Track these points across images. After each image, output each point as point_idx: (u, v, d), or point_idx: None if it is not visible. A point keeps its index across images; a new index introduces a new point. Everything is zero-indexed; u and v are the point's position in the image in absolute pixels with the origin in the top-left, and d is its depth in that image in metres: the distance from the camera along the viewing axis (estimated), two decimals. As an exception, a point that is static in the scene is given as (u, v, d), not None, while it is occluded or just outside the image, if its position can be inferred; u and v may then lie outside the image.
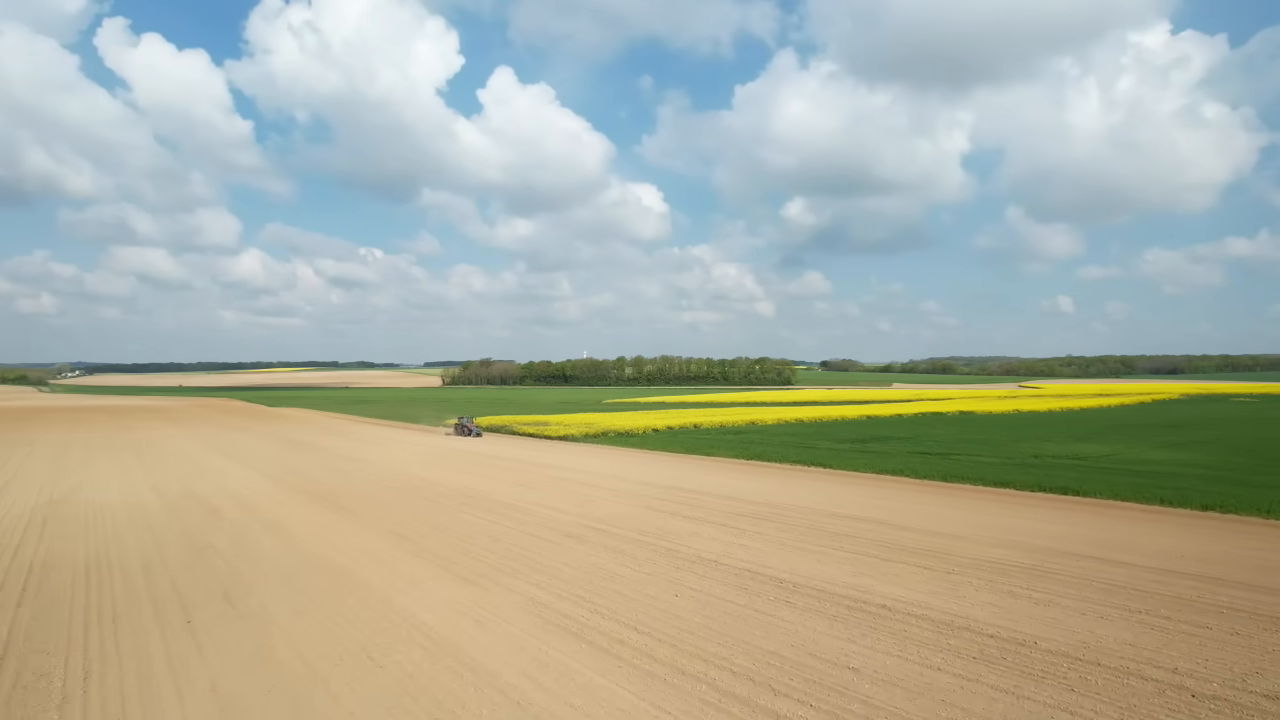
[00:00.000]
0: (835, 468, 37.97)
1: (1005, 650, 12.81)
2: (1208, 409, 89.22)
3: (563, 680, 11.72)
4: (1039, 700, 10.81)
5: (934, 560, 19.13)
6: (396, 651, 13.00)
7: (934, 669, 12.04)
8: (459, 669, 12.20)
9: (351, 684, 11.61)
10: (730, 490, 31.09)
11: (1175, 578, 17.14)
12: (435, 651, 13.02)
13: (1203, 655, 12.46)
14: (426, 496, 30.21)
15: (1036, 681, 11.46)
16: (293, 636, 13.76)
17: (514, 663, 12.50)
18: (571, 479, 35.01)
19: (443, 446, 53.00)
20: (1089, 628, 13.82)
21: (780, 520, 24.64)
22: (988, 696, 10.97)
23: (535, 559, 19.70)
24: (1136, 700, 10.78)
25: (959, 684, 11.40)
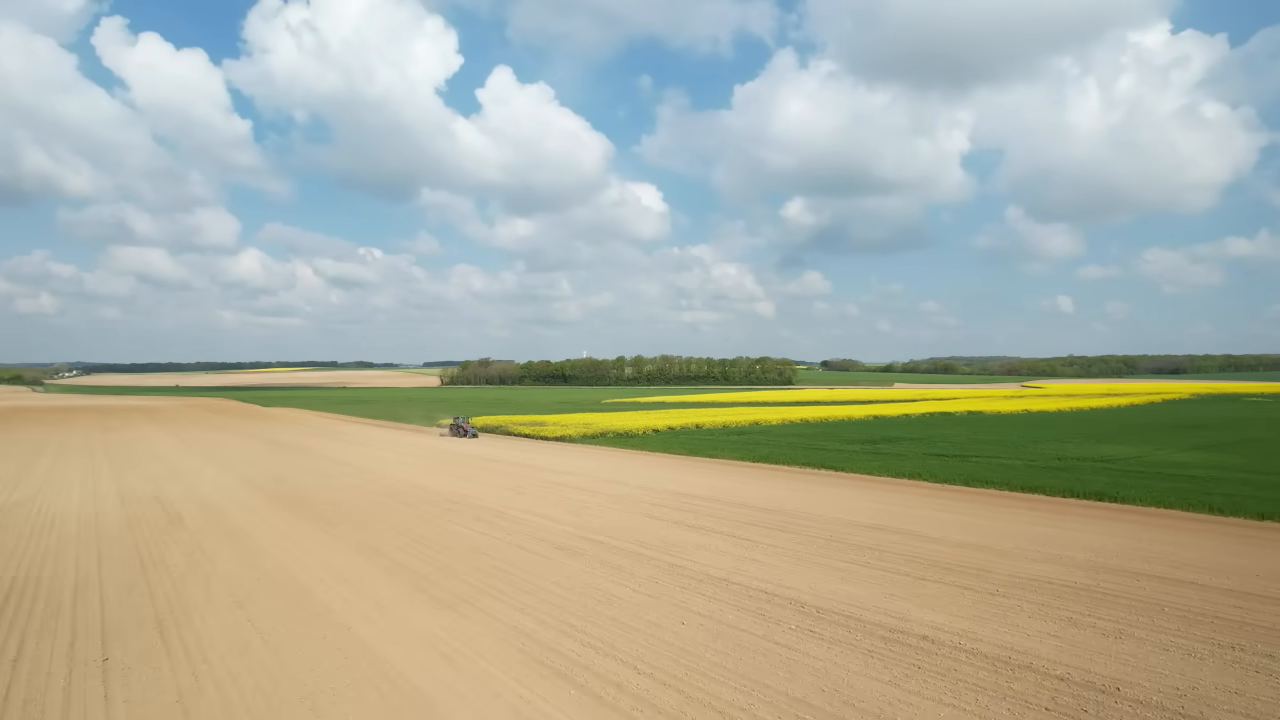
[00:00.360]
0: (847, 470, 35.71)
1: (1083, 700, 10.56)
2: (1223, 409, 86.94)
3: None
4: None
5: (973, 578, 16.88)
6: (346, 699, 10.75)
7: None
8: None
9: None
10: (738, 496, 28.84)
11: (1259, 603, 14.88)
12: (393, 698, 10.78)
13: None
14: (409, 503, 27.95)
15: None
16: (225, 679, 11.51)
17: (487, 716, 10.25)
18: (567, 483, 32.75)
19: (434, 448, 50.74)
20: (1179, 669, 11.56)
21: (795, 530, 22.38)
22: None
23: (522, 577, 17.44)
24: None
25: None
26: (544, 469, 38.03)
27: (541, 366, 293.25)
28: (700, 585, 16.61)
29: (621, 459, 43.04)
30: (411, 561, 18.98)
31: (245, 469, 38.53)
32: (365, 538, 21.82)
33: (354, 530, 22.92)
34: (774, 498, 28.33)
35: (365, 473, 36.80)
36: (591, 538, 21.63)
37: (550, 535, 22.01)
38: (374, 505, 27.49)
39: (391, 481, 33.64)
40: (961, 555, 19.10)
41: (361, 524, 23.92)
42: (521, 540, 21.41)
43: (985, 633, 13.33)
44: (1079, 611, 14.38)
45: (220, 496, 29.47)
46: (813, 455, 41.11)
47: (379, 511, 26.13)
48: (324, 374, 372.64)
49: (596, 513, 25.55)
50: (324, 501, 28.29)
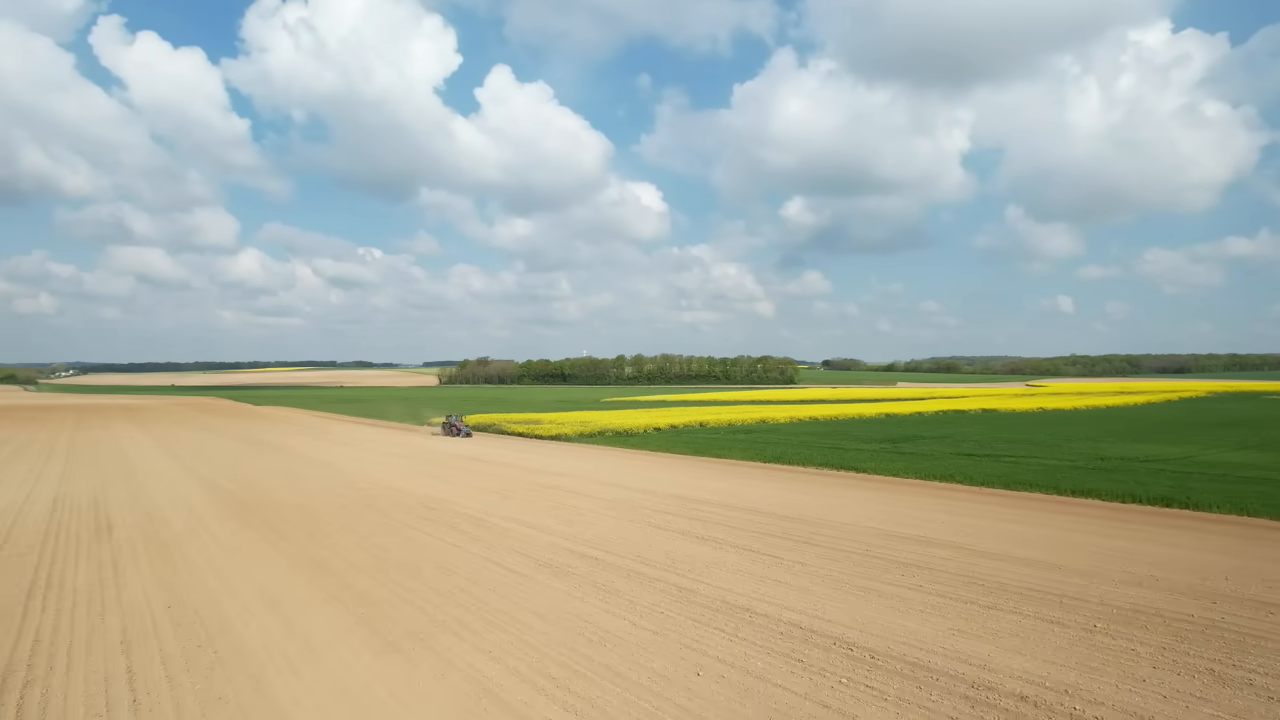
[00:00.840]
0: (871, 472, 32.33)
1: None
2: (1245, 407, 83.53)
3: None
4: None
5: (1056, 608, 13.52)
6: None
7: None
8: None
9: None
10: (753, 500, 25.47)
11: None
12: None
13: None
14: (380, 509, 24.60)
15: None
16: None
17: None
18: (559, 486, 29.40)
19: (422, 447, 47.39)
20: None
21: (823, 543, 19.02)
22: None
23: (496, 605, 14.08)
24: None
25: None
26: (535, 470, 34.68)
27: (541, 366, 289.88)
28: (717, 617, 13.25)
29: (620, 459, 39.69)
30: (364, 583, 15.62)
31: (211, 470, 35.19)
32: (317, 552, 18.47)
33: (307, 542, 19.56)
34: (793, 503, 24.95)
35: (341, 474, 33.47)
36: (584, 552, 18.27)
37: (535, 549, 18.65)
38: (340, 511, 24.15)
39: (367, 484, 30.30)
40: (1031, 576, 15.72)
41: (318, 534, 20.57)
42: (500, 555, 18.05)
43: (1103, 691, 9.96)
44: (1220, 661, 11.01)
45: (168, 501, 26.12)
46: (830, 455, 37.73)
47: (342, 519, 22.78)
48: (322, 373, 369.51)
49: (591, 521, 22.19)
50: (285, 507, 24.94)
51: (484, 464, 37.48)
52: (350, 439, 54.34)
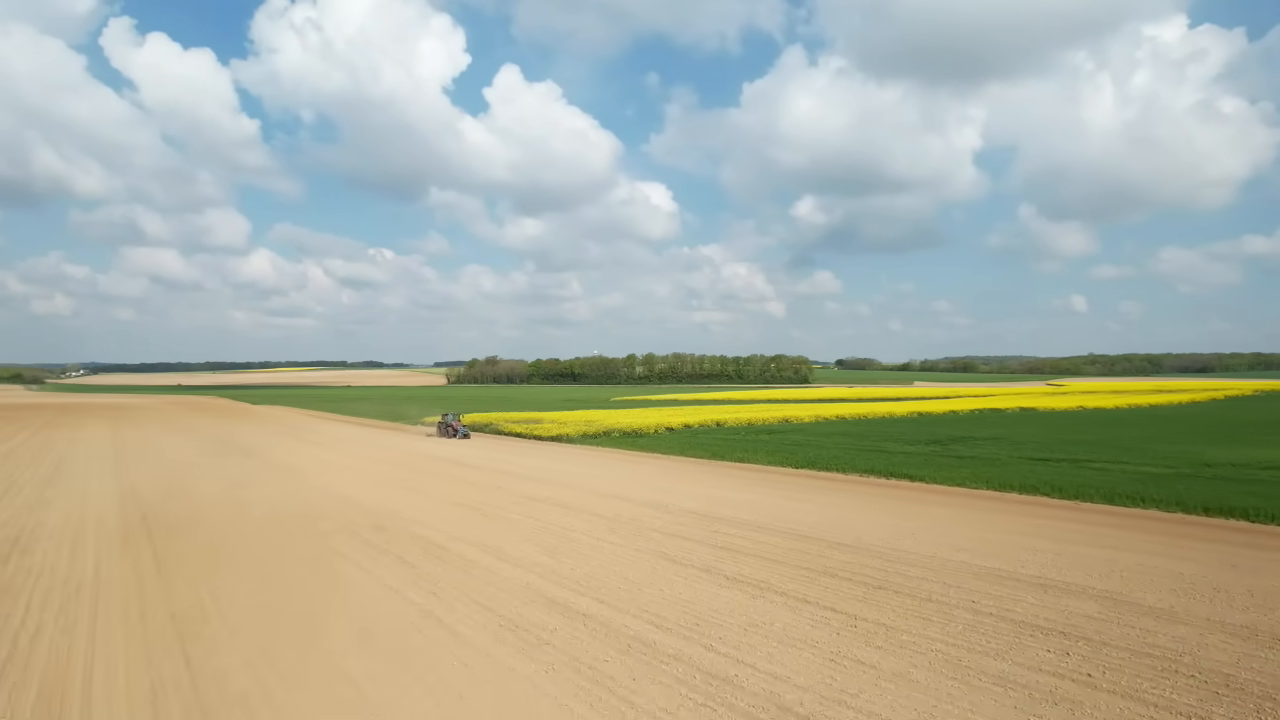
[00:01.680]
0: (930, 481, 26.71)
1: None
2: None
3: None
4: None
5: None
6: None
7: None
8: None
9: None
10: (794, 519, 19.95)
11: None
12: None
13: None
14: (319, 529, 19.28)
15: None
16: None
17: None
18: (551, 498, 24.00)
19: (406, 449, 42.15)
20: None
21: (908, 588, 13.46)
22: None
23: (419, 712, 8.66)
24: None
25: None
26: (526, 477, 29.31)
27: (550, 365, 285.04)
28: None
29: (627, 464, 34.25)
30: (222, 658, 10.24)
31: (146, 476, 30.07)
32: (189, 599, 13.12)
33: (189, 582, 14.23)
34: (847, 524, 19.40)
35: (297, 482, 28.27)
36: (569, 602, 12.82)
37: (502, 596, 13.21)
38: (268, 531, 18.86)
39: (320, 494, 25.04)
40: (1258, 657, 10.11)
41: (213, 568, 15.24)
42: (451, 606, 12.63)
43: None
44: None
45: (51, 515, 20.92)
46: (873, 459, 32.10)
47: (261, 544, 17.46)
48: (331, 373, 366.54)
49: (584, 550, 16.75)
50: (200, 524, 19.68)
51: (467, 469, 32.14)
52: (332, 440, 49.24)
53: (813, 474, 29.78)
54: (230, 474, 30.91)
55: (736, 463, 33.78)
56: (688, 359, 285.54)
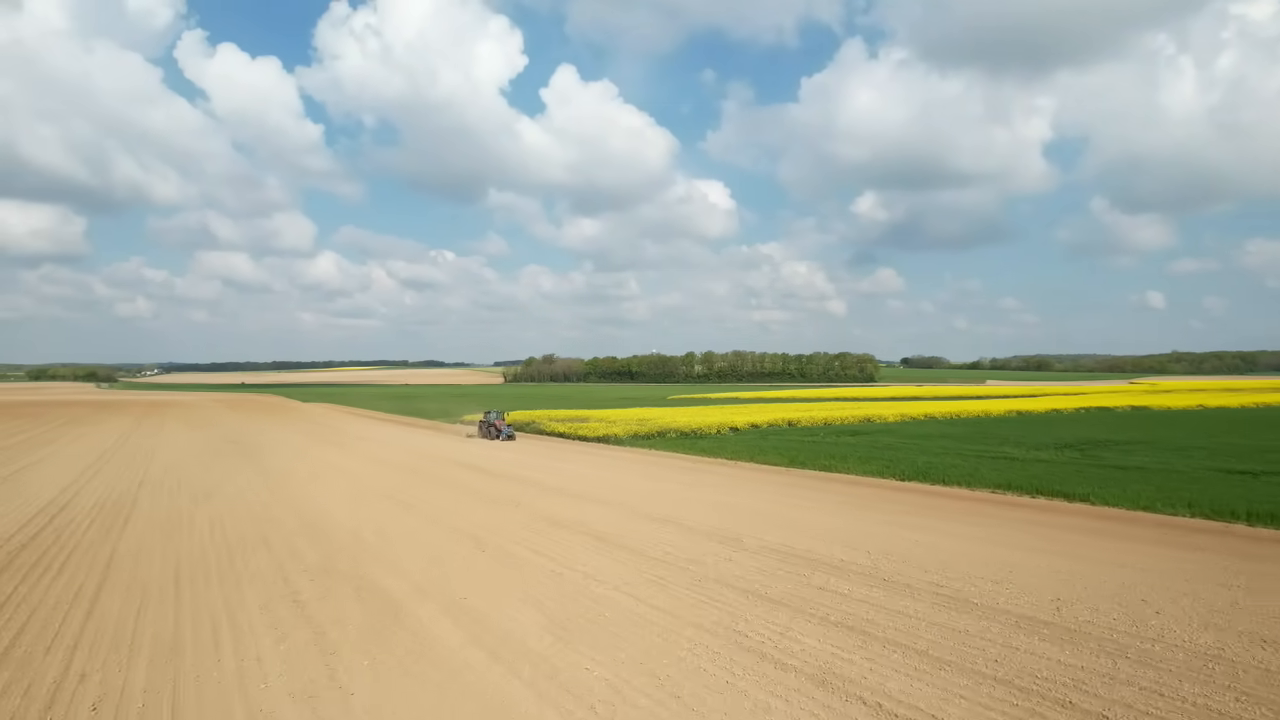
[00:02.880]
0: (1095, 501, 19.25)
1: None
2: None
3: None
4: None
5: None
6: None
7: None
8: None
9: None
10: (932, 564, 13.02)
11: None
12: None
13: None
14: (237, 571, 13.37)
15: None
16: None
17: None
18: (580, 523, 17.69)
19: (430, 453, 36.66)
20: None
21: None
22: None
23: None
24: None
25: None
26: (556, 489, 23.09)
27: (607, 363, 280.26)
28: None
29: (685, 471, 27.69)
30: None
31: (114, 479, 25.14)
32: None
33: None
34: (1030, 579, 12.32)
35: (278, 491, 22.94)
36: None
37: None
38: (172, 568, 13.06)
39: (291, 511, 19.45)
40: None
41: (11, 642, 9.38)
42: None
43: None
44: None
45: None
46: (1004, 470, 24.66)
47: (159, 591, 11.60)
48: (391, 372, 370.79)
49: (613, 622, 10.24)
50: (80, 555, 14.05)
51: (486, 477, 26.15)
52: (355, 439, 44.31)
53: (927, 488, 22.59)
54: (210, 479, 25.71)
55: (822, 471, 26.80)
56: (748, 357, 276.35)
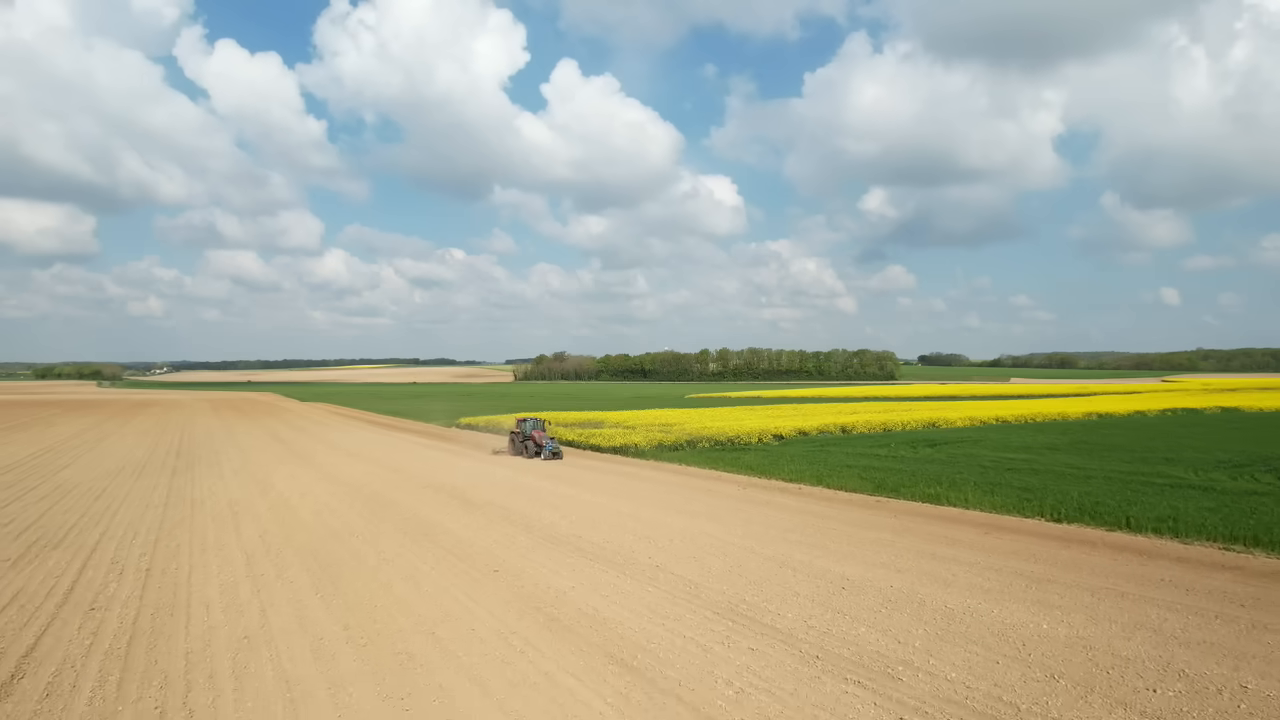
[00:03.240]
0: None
1: None
2: None
3: None
4: None
5: None
6: None
7: None
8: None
9: None
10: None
11: None
12: None
13: None
14: None
15: None
16: None
17: None
18: (598, 631, 10.22)
19: (412, 469, 29.47)
20: None
21: None
22: None
23: None
24: None
25: None
26: (562, 539, 15.68)
27: (620, 360, 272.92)
28: None
29: (737, 503, 20.18)
30: None
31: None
32: None
33: None
34: None
35: (155, 545, 15.65)
36: None
37: None
38: None
39: (130, 597, 12.11)
40: None
41: None
42: None
43: None
44: None
45: None
46: (1211, 509, 16.94)
47: None
48: (401, 370, 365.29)
49: None
50: None
51: (466, 511, 18.77)
52: (330, 448, 37.29)
53: (1120, 540, 14.93)
54: (83, 518, 18.52)
55: (929, 505, 19.18)
56: (764, 354, 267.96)
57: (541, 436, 32.08)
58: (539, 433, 32.41)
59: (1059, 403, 57.49)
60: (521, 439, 32.69)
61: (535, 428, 33.13)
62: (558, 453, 31.44)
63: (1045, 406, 52.99)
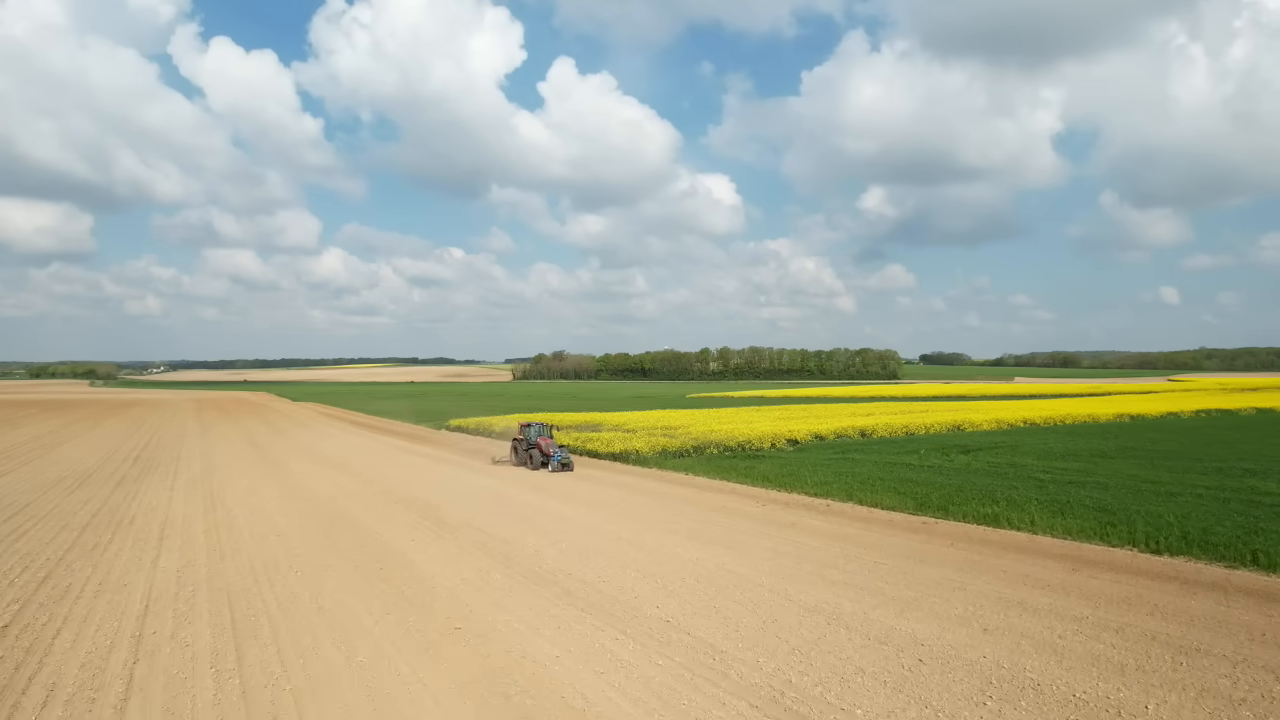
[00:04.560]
0: None
1: None
2: None
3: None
4: None
5: None
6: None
7: None
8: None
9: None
10: None
11: None
12: None
13: None
14: None
15: None
16: None
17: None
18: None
19: (384, 479, 26.43)
20: None
21: None
22: None
23: None
24: None
25: None
26: (547, 576, 12.63)
27: (619, 360, 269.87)
28: None
29: (761, 526, 17.10)
30: None
31: None
32: None
33: None
34: None
35: (23, 604, 12.50)
36: None
37: None
38: None
39: None
40: None
41: None
42: None
43: None
44: None
45: None
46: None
47: None
48: (399, 369, 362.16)
49: None
50: None
51: (436, 534, 15.69)
52: (304, 452, 34.30)
53: (1254, 578, 11.86)
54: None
55: (984, 527, 16.12)
56: (765, 353, 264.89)
57: (549, 444, 28.14)
58: (546, 440, 28.51)
59: (1087, 403, 54.40)
60: (525, 447, 28.59)
61: (541, 434, 29.18)
62: (568, 463, 27.43)
63: (1073, 407, 49.91)
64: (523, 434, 29.32)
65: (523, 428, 29.82)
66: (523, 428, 29.82)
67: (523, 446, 28.77)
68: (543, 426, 30.04)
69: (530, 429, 29.38)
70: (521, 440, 29.07)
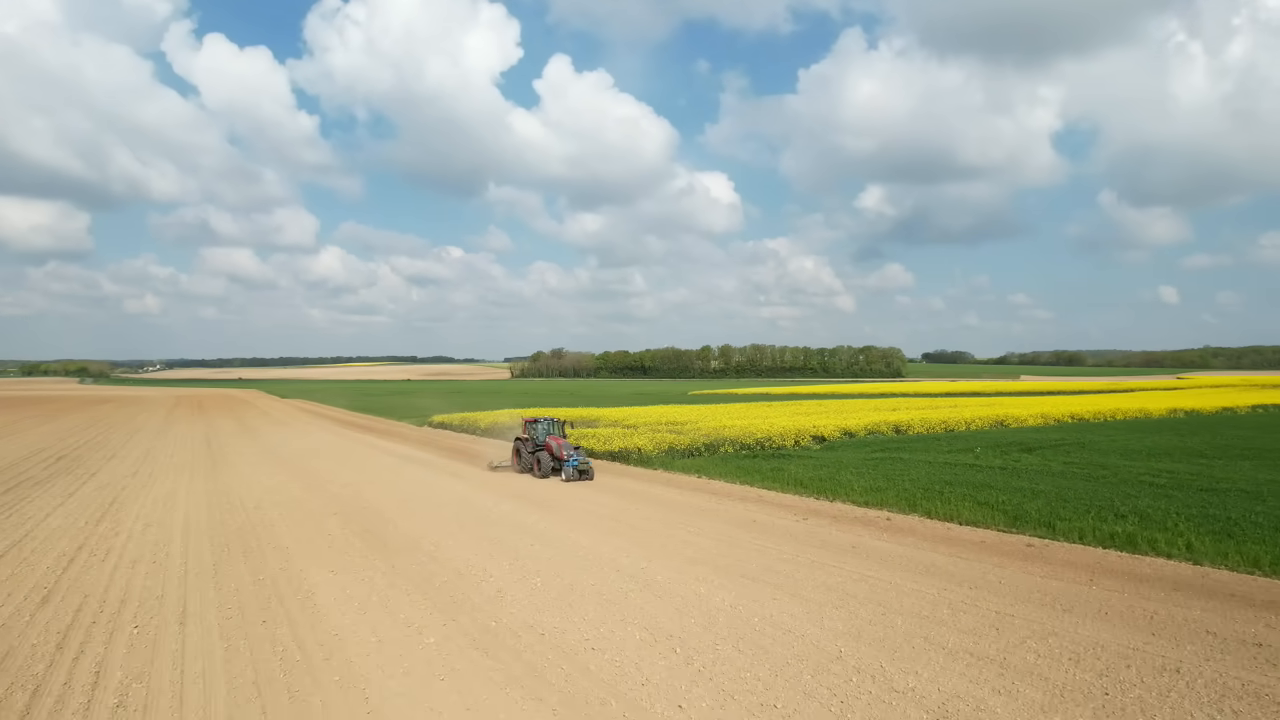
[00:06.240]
0: None
1: None
2: None
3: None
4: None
5: None
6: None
7: None
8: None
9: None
10: None
11: None
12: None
13: None
14: None
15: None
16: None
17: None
18: None
19: (342, 484, 22.02)
20: None
21: None
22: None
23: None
24: None
25: None
26: (529, 644, 8.12)
27: (619, 357, 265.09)
28: None
29: (814, 571, 12.68)
30: None
31: None
32: None
33: None
34: None
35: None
36: None
37: None
38: None
39: None
40: None
41: None
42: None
43: None
44: None
45: None
46: None
47: None
48: (397, 368, 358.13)
49: None
50: None
51: (386, 566, 11.24)
52: (263, 453, 29.92)
53: None
54: None
55: (1122, 550, 11.73)
56: (767, 350, 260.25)
57: (561, 445, 22.56)
58: (558, 439, 23.06)
59: (1137, 398, 50.03)
60: (532, 449, 23.24)
61: (550, 432, 23.93)
62: (587, 470, 21.76)
63: (1121, 402, 45.45)
64: (528, 432, 24.01)
65: (527, 425, 24.47)
66: (527, 425, 24.47)
67: (528, 448, 23.44)
68: (552, 423, 24.73)
69: (537, 426, 24.16)
70: (527, 440, 23.72)
